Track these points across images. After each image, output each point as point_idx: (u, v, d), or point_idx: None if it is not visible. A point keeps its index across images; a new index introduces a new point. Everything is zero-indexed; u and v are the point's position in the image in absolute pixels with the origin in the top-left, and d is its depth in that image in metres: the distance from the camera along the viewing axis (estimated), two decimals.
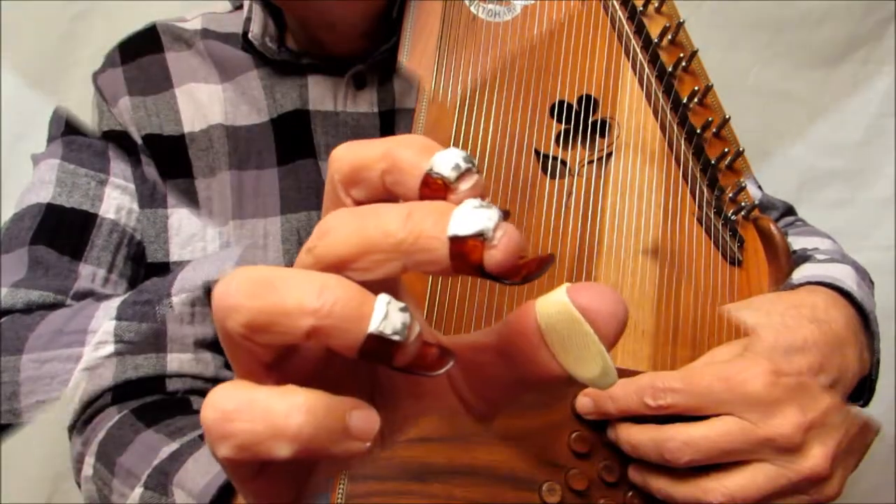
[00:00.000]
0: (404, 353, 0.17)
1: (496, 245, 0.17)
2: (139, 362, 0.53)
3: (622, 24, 0.48)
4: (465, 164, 0.18)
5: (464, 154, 0.18)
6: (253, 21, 0.55)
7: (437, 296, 0.42)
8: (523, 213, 0.45)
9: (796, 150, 0.93)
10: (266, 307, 0.17)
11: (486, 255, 0.17)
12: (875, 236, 0.94)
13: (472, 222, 0.17)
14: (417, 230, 0.17)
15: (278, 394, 0.17)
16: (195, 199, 0.55)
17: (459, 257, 0.17)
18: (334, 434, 0.17)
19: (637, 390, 0.38)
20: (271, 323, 0.17)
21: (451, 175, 0.18)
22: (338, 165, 0.19)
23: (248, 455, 0.17)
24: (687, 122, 0.47)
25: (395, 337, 0.17)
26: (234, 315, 0.17)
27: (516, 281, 0.17)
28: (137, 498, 0.45)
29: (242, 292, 0.17)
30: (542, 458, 0.40)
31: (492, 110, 0.46)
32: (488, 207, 0.17)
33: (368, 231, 0.17)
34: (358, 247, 0.17)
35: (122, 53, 0.58)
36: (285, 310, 0.17)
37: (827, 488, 0.38)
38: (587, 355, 0.17)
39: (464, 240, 0.17)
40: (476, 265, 0.17)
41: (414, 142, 0.18)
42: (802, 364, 0.38)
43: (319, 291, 0.16)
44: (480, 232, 0.17)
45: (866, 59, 0.93)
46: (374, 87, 0.55)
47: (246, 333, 0.17)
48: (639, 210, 0.46)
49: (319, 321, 0.16)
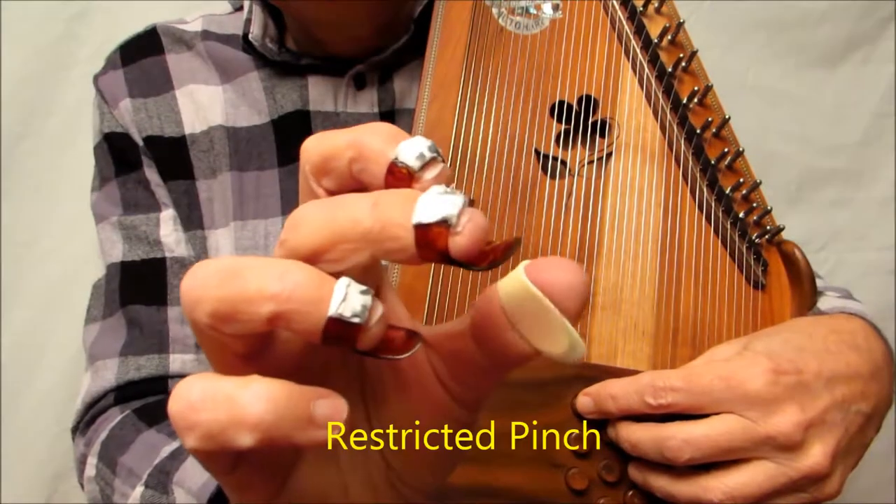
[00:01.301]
0: (366, 336, 0.17)
1: (460, 231, 0.17)
2: (141, 363, 0.53)
3: (622, 24, 0.49)
4: (429, 153, 0.18)
5: (429, 143, 0.18)
6: (253, 22, 0.55)
7: (437, 298, 0.42)
8: (523, 214, 0.45)
9: (796, 150, 0.93)
10: (228, 295, 0.17)
11: (450, 242, 0.17)
12: (875, 236, 0.94)
13: (436, 209, 0.17)
14: (384, 219, 0.17)
15: (241, 383, 0.17)
16: (196, 201, 0.55)
17: (425, 245, 0.17)
18: (298, 422, 0.17)
19: (637, 389, 0.38)
20: (234, 311, 0.17)
21: (416, 164, 0.18)
22: (307, 156, 0.19)
23: (212, 445, 0.17)
24: (687, 122, 0.47)
25: (355, 319, 0.16)
26: (200, 306, 0.17)
27: (483, 266, 0.17)
28: (139, 497, 0.45)
29: (207, 282, 0.17)
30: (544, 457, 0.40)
31: (492, 110, 0.46)
32: (453, 194, 0.17)
33: (337, 221, 0.17)
34: (328, 237, 0.18)
35: (122, 55, 0.58)
36: (246, 296, 0.17)
37: (827, 486, 0.38)
38: (552, 331, 0.17)
39: (428, 227, 0.17)
40: (441, 252, 0.17)
41: (380, 130, 0.18)
42: (846, 392, 0.39)
43: (280, 276, 0.17)
44: (444, 219, 0.17)
45: (866, 59, 0.93)
46: (374, 87, 0.55)
47: (212, 323, 0.17)
48: (639, 210, 0.46)
49: (280, 306, 0.16)
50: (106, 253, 0.57)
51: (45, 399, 0.80)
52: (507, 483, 0.39)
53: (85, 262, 0.73)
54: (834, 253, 0.94)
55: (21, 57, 0.80)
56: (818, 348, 0.40)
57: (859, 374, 0.40)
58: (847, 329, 0.42)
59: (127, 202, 0.57)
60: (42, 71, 0.81)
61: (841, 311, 0.47)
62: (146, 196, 0.56)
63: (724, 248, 0.46)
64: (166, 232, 0.56)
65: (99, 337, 0.55)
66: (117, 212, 0.57)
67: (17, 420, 0.80)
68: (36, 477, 0.80)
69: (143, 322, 0.54)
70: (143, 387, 0.53)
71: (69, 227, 0.79)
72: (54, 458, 0.79)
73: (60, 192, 0.81)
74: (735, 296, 0.46)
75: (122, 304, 0.55)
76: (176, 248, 0.56)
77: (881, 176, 0.94)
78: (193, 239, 0.55)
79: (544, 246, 0.44)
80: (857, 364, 0.40)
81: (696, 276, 0.45)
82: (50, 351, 0.81)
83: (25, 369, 0.80)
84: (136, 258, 0.55)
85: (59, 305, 0.80)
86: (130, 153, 0.57)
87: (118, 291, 0.55)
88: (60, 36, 0.81)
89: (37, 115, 0.81)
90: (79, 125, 0.79)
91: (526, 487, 0.39)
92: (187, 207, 0.55)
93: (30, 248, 0.81)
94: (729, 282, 0.46)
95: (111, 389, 0.53)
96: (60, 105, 0.81)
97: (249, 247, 0.54)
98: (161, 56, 0.58)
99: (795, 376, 0.38)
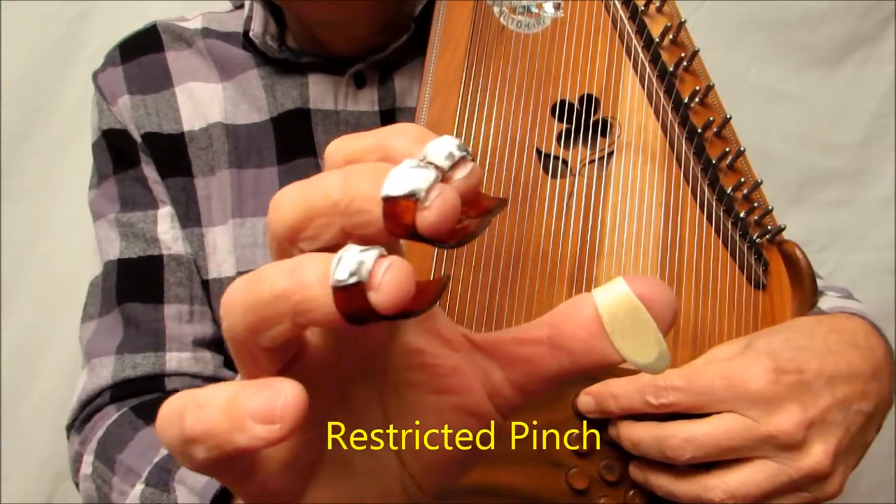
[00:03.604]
0: (380, 297, 0.16)
1: (428, 206, 0.16)
2: (138, 361, 0.53)
3: (623, 23, 0.49)
4: (459, 152, 0.17)
5: (458, 142, 0.17)
6: (254, 20, 0.55)
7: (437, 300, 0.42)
8: (524, 213, 0.45)
9: (796, 150, 0.93)
10: (250, 304, 0.17)
11: (418, 217, 0.16)
12: (875, 236, 0.94)
13: (404, 182, 0.16)
14: (353, 191, 0.17)
15: (186, 396, 0.17)
16: (194, 198, 0.55)
17: (392, 218, 0.16)
18: (231, 425, 0.16)
19: (639, 389, 0.38)
20: (259, 319, 0.17)
21: (445, 164, 0.17)
22: (333, 159, 0.19)
23: (184, 462, 0.17)
24: (688, 121, 0.47)
25: (353, 279, 0.16)
26: (233, 319, 0.17)
27: (451, 244, 0.17)
28: (139, 494, 0.45)
29: (235, 296, 0.17)
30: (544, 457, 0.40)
31: (493, 109, 0.46)
32: (425, 168, 0.16)
33: (310, 197, 0.17)
34: (303, 214, 0.17)
35: (122, 53, 0.58)
36: (264, 300, 0.17)
37: (828, 486, 0.38)
38: (645, 342, 0.18)
39: (396, 200, 0.16)
40: (409, 226, 0.16)
41: (406, 131, 0.18)
42: (847, 391, 0.39)
43: (290, 273, 0.16)
44: (413, 192, 0.16)
45: (866, 59, 0.93)
46: (374, 85, 0.55)
47: (249, 336, 0.17)
48: (640, 209, 0.46)
49: (294, 302, 0.16)
50: (103, 250, 0.57)
51: (45, 399, 0.80)
52: (508, 482, 0.39)
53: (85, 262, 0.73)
54: (835, 253, 0.94)
55: (22, 57, 0.80)
56: (819, 347, 0.40)
57: (860, 374, 0.40)
58: (848, 328, 0.42)
59: (124, 199, 0.57)
60: (43, 71, 0.81)
61: (842, 310, 0.47)
62: (144, 193, 0.56)
63: (724, 248, 0.46)
64: (164, 229, 0.55)
65: (95, 335, 0.55)
66: (115, 209, 0.57)
67: (18, 420, 0.80)
68: (36, 477, 0.80)
69: (139, 320, 0.54)
70: (140, 385, 0.53)
71: (69, 227, 0.79)
72: (55, 458, 0.79)
73: (60, 192, 0.81)
74: (736, 296, 0.46)
75: (119, 301, 0.55)
76: (173, 246, 0.55)
77: (881, 176, 0.94)
78: (191, 236, 0.55)
79: (545, 245, 0.44)
80: (858, 363, 0.40)
81: (696, 276, 0.45)
82: (50, 351, 0.81)
83: (26, 369, 0.80)
84: (133, 255, 0.55)
85: (59, 305, 0.80)
86: (128, 150, 0.57)
87: (115, 289, 0.55)
88: (61, 36, 0.81)
89: (37, 116, 0.81)
90: (79, 126, 0.78)
91: (527, 487, 0.39)
92: (185, 205, 0.55)
93: (30, 248, 0.81)
94: (730, 281, 0.46)
95: (107, 387, 0.53)
96: (61, 105, 0.81)
97: (248, 244, 0.54)
98: (161, 53, 0.58)
99: (797, 375, 0.38)
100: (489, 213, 0.18)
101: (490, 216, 0.18)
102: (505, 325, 0.42)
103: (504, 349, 0.20)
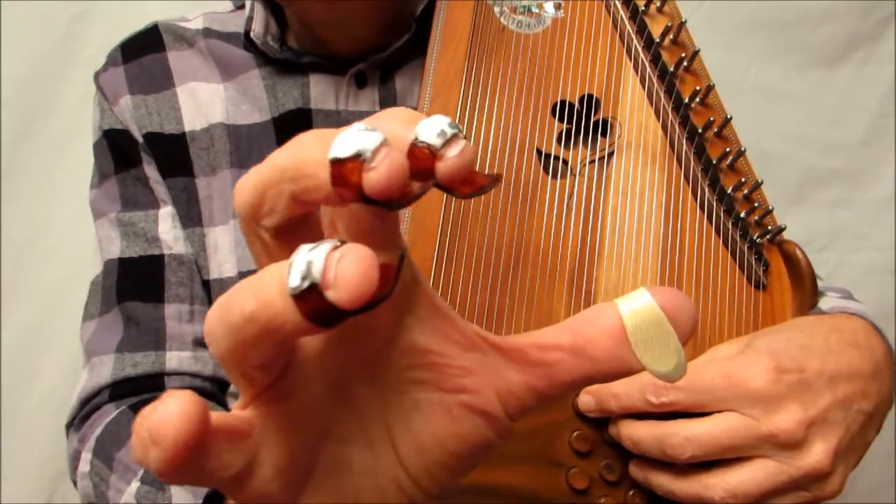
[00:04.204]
0: (337, 296, 0.15)
1: (374, 167, 0.16)
2: (138, 360, 0.53)
3: (624, 23, 0.49)
4: (450, 129, 0.17)
5: (449, 120, 0.17)
6: (255, 20, 0.55)
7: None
8: (525, 213, 0.45)
9: (796, 150, 0.93)
10: (228, 331, 0.17)
11: (364, 178, 0.16)
12: (874, 236, 0.94)
13: (351, 144, 0.16)
14: (300, 157, 0.17)
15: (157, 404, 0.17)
16: (195, 198, 0.55)
17: (340, 180, 0.16)
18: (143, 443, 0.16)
19: (640, 388, 0.38)
20: (239, 344, 0.17)
21: (437, 142, 0.17)
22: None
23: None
24: (688, 121, 0.47)
25: (306, 283, 0.15)
26: (216, 346, 0.17)
27: (402, 203, 0.17)
28: (133, 492, 0.45)
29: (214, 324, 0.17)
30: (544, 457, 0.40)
31: (493, 109, 0.46)
32: (373, 131, 0.16)
33: (262, 171, 0.17)
34: (256, 189, 0.17)
35: (123, 53, 0.58)
36: (238, 325, 0.16)
37: (828, 485, 0.38)
38: (665, 351, 0.18)
39: (343, 162, 0.16)
40: (356, 187, 0.16)
41: (396, 114, 0.18)
42: (848, 391, 0.39)
43: (255, 292, 0.16)
44: (359, 153, 0.16)
45: (866, 59, 0.93)
46: (375, 86, 0.55)
47: (236, 361, 0.17)
48: (640, 209, 0.46)
49: (264, 321, 0.16)
50: (104, 249, 0.57)
51: (45, 399, 0.80)
52: (508, 482, 0.39)
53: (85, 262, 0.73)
54: (835, 253, 0.94)
55: (22, 58, 0.80)
56: (820, 347, 0.40)
57: (861, 373, 0.40)
58: (848, 328, 0.42)
59: (126, 199, 0.57)
60: (43, 72, 0.81)
61: (842, 311, 0.47)
62: (145, 193, 0.56)
63: (725, 248, 0.46)
64: (165, 229, 0.55)
65: (96, 333, 0.55)
66: (116, 208, 0.57)
67: (18, 420, 0.80)
68: (36, 477, 0.80)
69: (139, 319, 0.54)
70: (139, 383, 0.53)
71: (69, 227, 0.79)
72: (55, 458, 0.79)
73: (61, 192, 0.81)
74: (736, 296, 0.46)
75: (119, 300, 0.55)
76: (174, 246, 0.55)
77: (881, 176, 0.94)
78: (192, 236, 0.55)
79: (545, 245, 0.44)
80: (859, 363, 0.40)
81: (697, 276, 0.45)
82: (50, 350, 0.81)
83: (26, 369, 0.80)
84: (134, 255, 0.55)
85: (59, 305, 0.80)
86: (130, 150, 0.57)
87: (115, 288, 0.55)
88: (61, 37, 0.81)
89: (38, 116, 0.81)
90: (79, 126, 0.79)
91: (527, 487, 0.40)
92: (186, 205, 0.55)
93: (30, 248, 0.81)
94: (730, 282, 0.46)
95: (106, 386, 0.53)
96: (61, 106, 0.81)
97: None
98: (162, 53, 0.58)
99: (797, 374, 0.38)
100: (483, 189, 0.18)
101: (483, 192, 0.18)
102: (505, 324, 0.43)
103: (524, 352, 0.20)
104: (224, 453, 0.18)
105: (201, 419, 0.16)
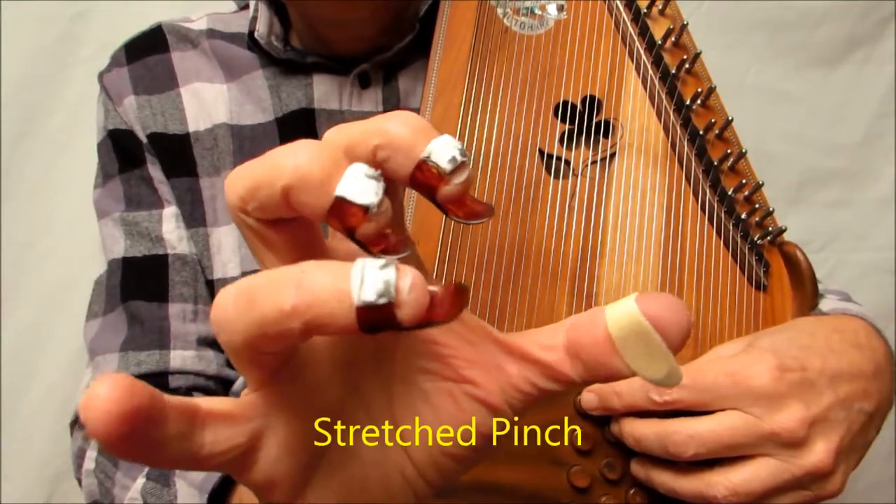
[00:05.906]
0: (406, 314, 0.16)
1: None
2: (142, 358, 0.53)
3: (626, 25, 0.49)
4: (461, 157, 0.18)
5: (460, 146, 0.18)
6: (259, 20, 0.55)
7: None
8: (527, 213, 0.45)
9: (796, 150, 0.93)
10: (254, 322, 0.17)
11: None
12: (874, 236, 0.94)
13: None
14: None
15: None
16: (199, 198, 0.56)
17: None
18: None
19: (642, 386, 0.39)
20: (263, 335, 0.17)
21: (447, 167, 0.18)
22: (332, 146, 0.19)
23: None
24: (690, 123, 0.47)
25: (382, 300, 0.15)
26: (231, 336, 0.17)
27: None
28: (139, 488, 0.46)
29: (230, 313, 0.17)
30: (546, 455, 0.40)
31: (496, 110, 0.46)
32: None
33: (255, 171, 0.18)
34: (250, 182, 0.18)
35: (127, 53, 0.58)
36: (269, 318, 0.16)
37: (829, 484, 0.38)
38: (654, 359, 0.18)
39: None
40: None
41: (409, 121, 0.19)
42: (849, 390, 0.39)
43: (297, 287, 0.16)
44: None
45: (866, 59, 0.93)
46: (378, 86, 0.55)
47: (251, 350, 0.17)
48: (641, 211, 0.46)
49: (307, 318, 0.16)
50: (108, 249, 0.57)
51: (45, 399, 0.80)
52: (510, 480, 0.39)
53: (85, 262, 0.73)
54: (835, 253, 0.94)
55: (21, 57, 0.79)
56: (822, 346, 0.40)
57: (862, 373, 0.40)
58: (849, 328, 0.43)
59: (130, 199, 0.57)
60: (42, 71, 0.80)
61: (842, 312, 0.47)
62: (149, 193, 0.56)
63: (726, 249, 0.46)
64: (169, 229, 0.56)
65: (100, 332, 0.55)
66: (120, 208, 0.57)
67: (18, 420, 0.79)
68: (36, 477, 0.79)
69: (143, 318, 0.54)
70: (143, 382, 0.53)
71: (69, 227, 0.79)
72: (54, 458, 0.79)
73: (61, 192, 0.81)
74: (737, 297, 0.46)
75: (123, 299, 0.55)
76: (178, 245, 0.56)
77: (881, 176, 0.94)
78: (196, 236, 0.55)
79: (547, 245, 0.44)
80: (860, 363, 0.40)
81: (698, 277, 0.45)
82: (50, 351, 0.81)
83: (25, 369, 0.80)
84: (138, 254, 0.55)
85: (59, 305, 0.80)
86: (134, 150, 0.57)
87: (119, 287, 0.55)
88: (61, 36, 0.81)
89: (37, 116, 0.81)
90: (79, 125, 0.78)
91: (528, 485, 0.40)
92: (190, 205, 0.55)
93: (30, 248, 0.81)
94: (731, 283, 0.46)
95: None
96: (61, 105, 0.81)
97: None
98: (166, 54, 0.58)
99: (800, 373, 0.38)
100: (477, 216, 0.18)
101: (477, 221, 0.18)
102: (507, 323, 0.43)
103: (525, 349, 0.21)
104: (221, 430, 0.18)
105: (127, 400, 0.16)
